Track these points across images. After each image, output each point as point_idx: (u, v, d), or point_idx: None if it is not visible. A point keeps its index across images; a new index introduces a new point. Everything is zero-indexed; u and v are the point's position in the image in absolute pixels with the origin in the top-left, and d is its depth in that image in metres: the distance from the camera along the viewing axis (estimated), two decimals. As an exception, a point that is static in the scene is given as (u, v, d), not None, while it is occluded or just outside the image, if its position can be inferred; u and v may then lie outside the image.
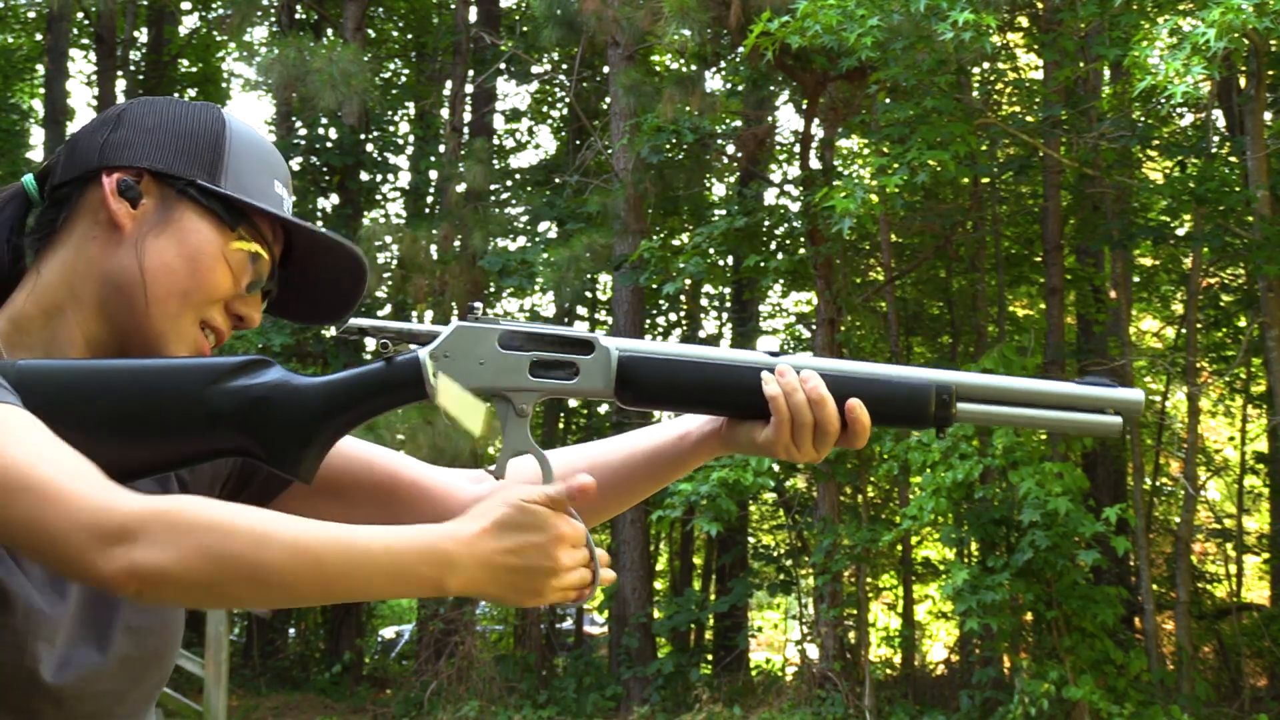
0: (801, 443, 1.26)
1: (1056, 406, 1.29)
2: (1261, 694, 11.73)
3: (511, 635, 15.09)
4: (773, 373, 1.26)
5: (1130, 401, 1.29)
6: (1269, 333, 9.14)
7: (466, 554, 1.10)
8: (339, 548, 1.06)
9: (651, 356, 1.26)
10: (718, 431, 1.32)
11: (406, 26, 19.05)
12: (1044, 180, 11.77)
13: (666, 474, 1.36)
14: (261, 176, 1.29)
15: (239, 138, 1.29)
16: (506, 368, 1.24)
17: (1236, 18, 6.61)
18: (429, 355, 1.22)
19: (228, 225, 1.25)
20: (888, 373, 1.28)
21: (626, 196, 12.39)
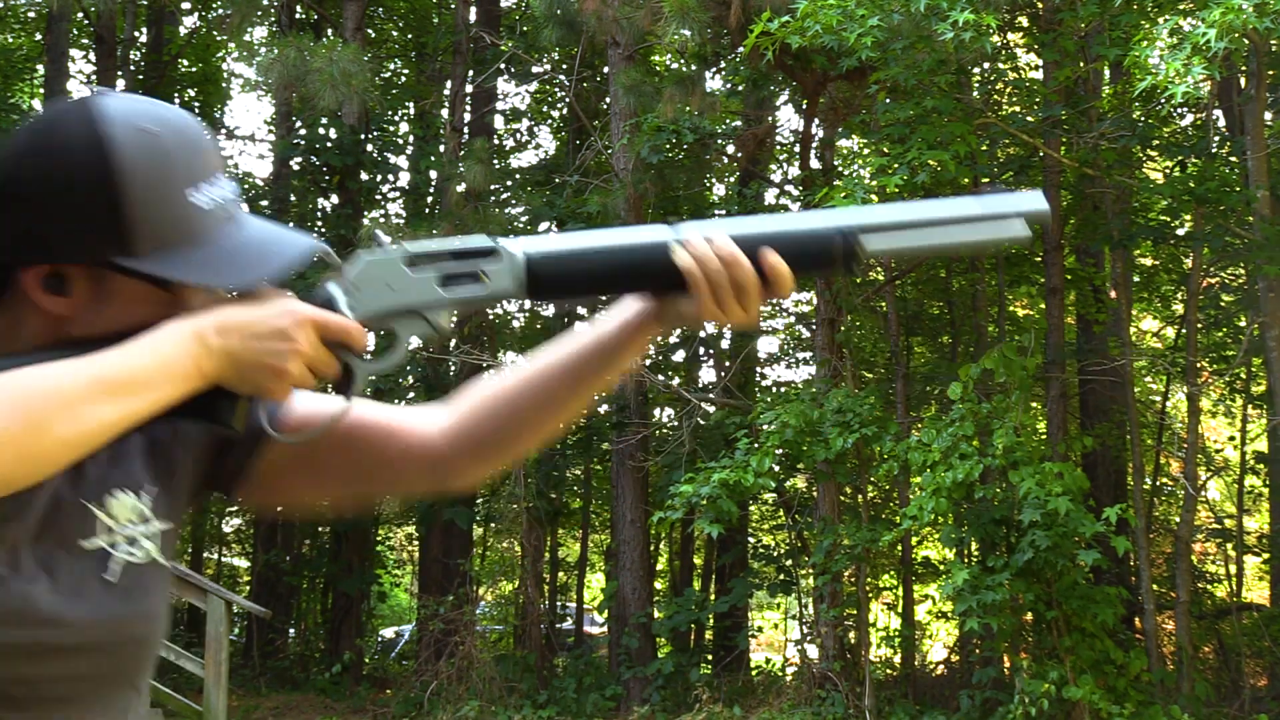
0: (727, 305, 1.27)
1: (959, 223, 1.29)
2: (1261, 694, 11.73)
3: (511, 635, 15.09)
4: (681, 244, 1.27)
5: (1034, 209, 1.29)
6: (1269, 333, 9.14)
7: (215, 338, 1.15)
8: (117, 361, 1.09)
9: (558, 251, 1.28)
10: (649, 311, 1.33)
11: (406, 26, 19.06)
12: (1044, 180, 11.76)
13: (611, 363, 1.36)
14: (174, 206, 1.19)
15: (132, 174, 1.17)
16: (416, 287, 1.27)
17: (1237, 18, 6.60)
18: (339, 287, 1.25)
19: (163, 288, 1.21)
20: (791, 222, 1.29)
21: (626, 196, 12.39)
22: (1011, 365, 8.94)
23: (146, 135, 1.19)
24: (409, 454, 1.39)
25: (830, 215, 1.29)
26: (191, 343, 1.14)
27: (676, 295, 1.29)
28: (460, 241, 1.28)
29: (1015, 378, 8.98)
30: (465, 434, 1.38)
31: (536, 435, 1.40)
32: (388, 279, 1.27)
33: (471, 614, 12.99)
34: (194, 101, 18.53)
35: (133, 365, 1.10)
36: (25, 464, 1.03)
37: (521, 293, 1.27)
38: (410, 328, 1.28)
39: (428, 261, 1.28)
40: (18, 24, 18.30)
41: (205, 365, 1.14)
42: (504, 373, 1.40)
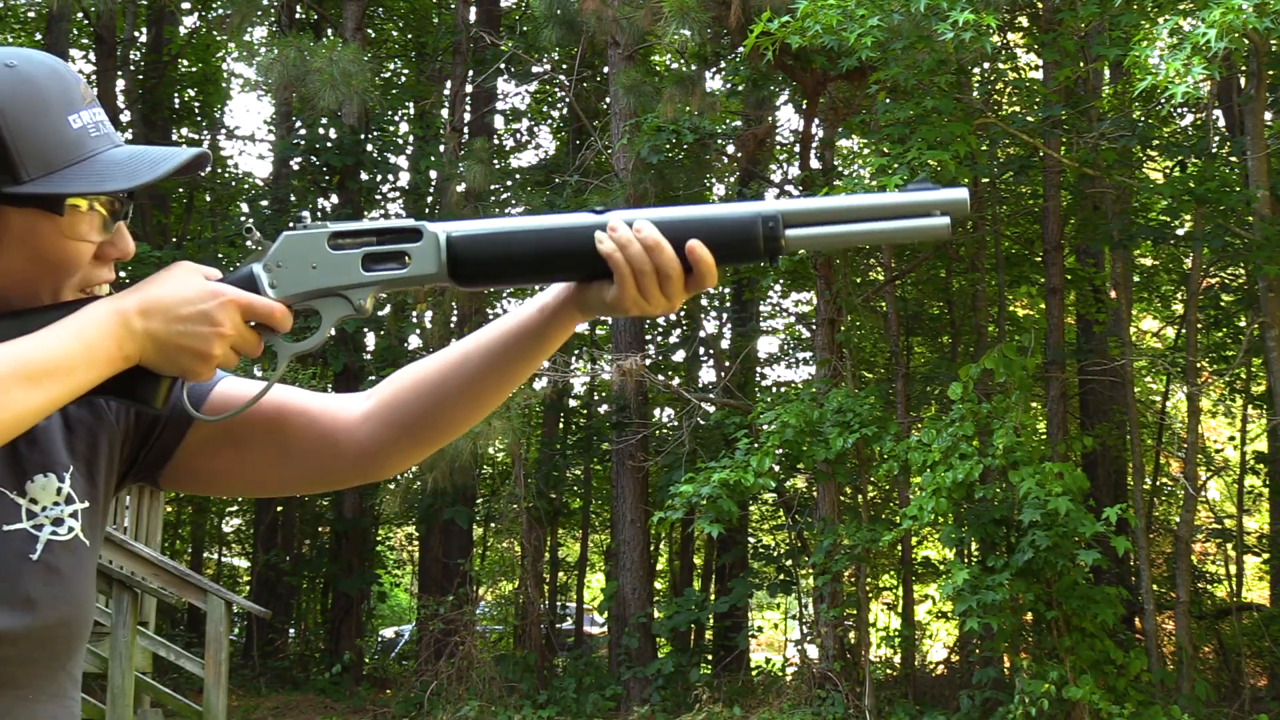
0: (649, 293, 1.26)
1: (883, 217, 1.29)
2: (1261, 694, 11.73)
3: (511, 635, 15.09)
4: (605, 230, 1.26)
5: (954, 200, 1.29)
6: (1269, 333, 9.14)
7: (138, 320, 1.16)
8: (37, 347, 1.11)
9: (480, 233, 1.27)
10: (571, 298, 1.31)
11: (406, 26, 19.06)
12: (1044, 180, 11.77)
13: (533, 351, 1.35)
14: (55, 130, 1.20)
15: (6, 105, 1.18)
16: (338, 267, 1.26)
17: (1237, 18, 6.60)
18: (262, 267, 1.25)
19: (55, 212, 1.21)
20: (715, 210, 1.29)
21: (626, 196, 12.39)
22: (1011, 365, 8.94)
23: (9, 69, 1.21)
24: (331, 439, 1.38)
25: (754, 204, 1.29)
26: (114, 325, 1.14)
27: (600, 282, 1.28)
28: (384, 222, 1.28)
29: (1015, 378, 8.98)
30: (386, 420, 1.37)
31: (459, 422, 1.39)
32: (310, 258, 1.26)
33: (471, 614, 12.99)
34: (194, 101, 18.54)
35: (53, 350, 1.10)
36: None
37: (444, 275, 1.27)
38: (333, 309, 1.27)
39: (351, 241, 1.27)
40: (18, 24, 18.30)
41: (128, 347, 1.15)
42: (425, 359, 1.39)
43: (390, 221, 1.28)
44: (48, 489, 1.26)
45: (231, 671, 10.80)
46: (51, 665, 1.23)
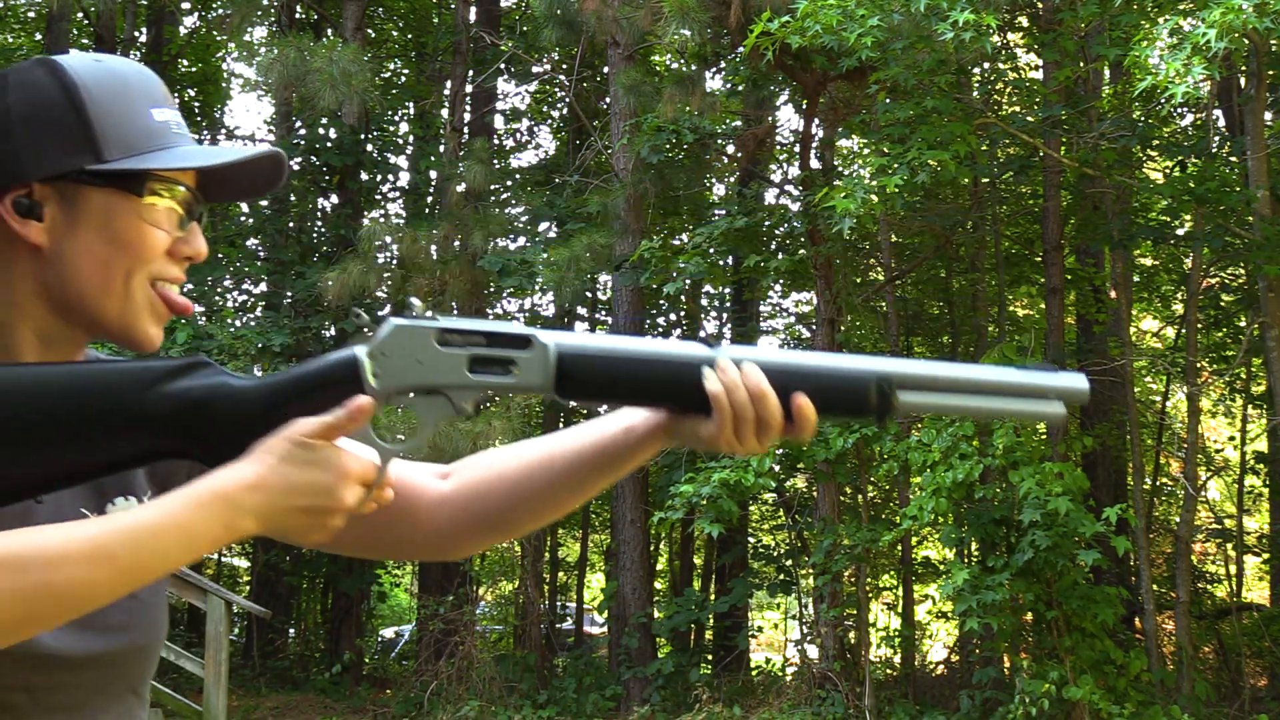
0: (744, 437, 1.25)
1: (999, 394, 1.28)
2: (1261, 694, 11.73)
3: (511, 635, 15.09)
4: (713, 367, 1.25)
5: (1073, 389, 1.28)
6: (1269, 333, 9.14)
7: (246, 500, 1.11)
8: (125, 534, 1.07)
9: (590, 352, 1.25)
10: (662, 425, 1.31)
11: (406, 26, 19.06)
12: (1044, 180, 11.77)
13: (614, 468, 1.35)
14: (138, 118, 1.24)
15: (92, 89, 1.22)
16: (445, 366, 1.23)
17: (1237, 18, 6.60)
18: (366, 354, 1.22)
19: (135, 193, 1.23)
20: (828, 363, 1.27)
21: (626, 196, 12.39)
22: (1011, 365, 8.92)
23: (98, 63, 1.25)
24: (411, 514, 1.38)
25: (870, 361, 1.28)
26: (220, 507, 1.11)
27: (697, 416, 1.27)
28: (495, 325, 1.25)
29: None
30: (463, 507, 1.37)
31: (534, 520, 1.39)
32: (417, 352, 1.23)
33: (471, 614, 12.99)
34: (194, 101, 18.53)
35: (144, 541, 1.08)
36: (13, 637, 1.05)
37: (549, 389, 1.24)
38: (434, 407, 1.24)
39: (459, 339, 1.24)
40: (18, 24, 18.30)
41: (239, 524, 1.12)
42: (508, 452, 1.38)
43: (502, 326, 1.25)
44: (128, 499, 1.28)
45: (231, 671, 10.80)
46: (122, 687, 1.25)
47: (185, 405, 1.17)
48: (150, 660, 1.28)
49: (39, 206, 1.21)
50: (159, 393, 1.17)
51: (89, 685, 1.21)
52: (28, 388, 1.15)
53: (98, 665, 1.20)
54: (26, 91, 1.22)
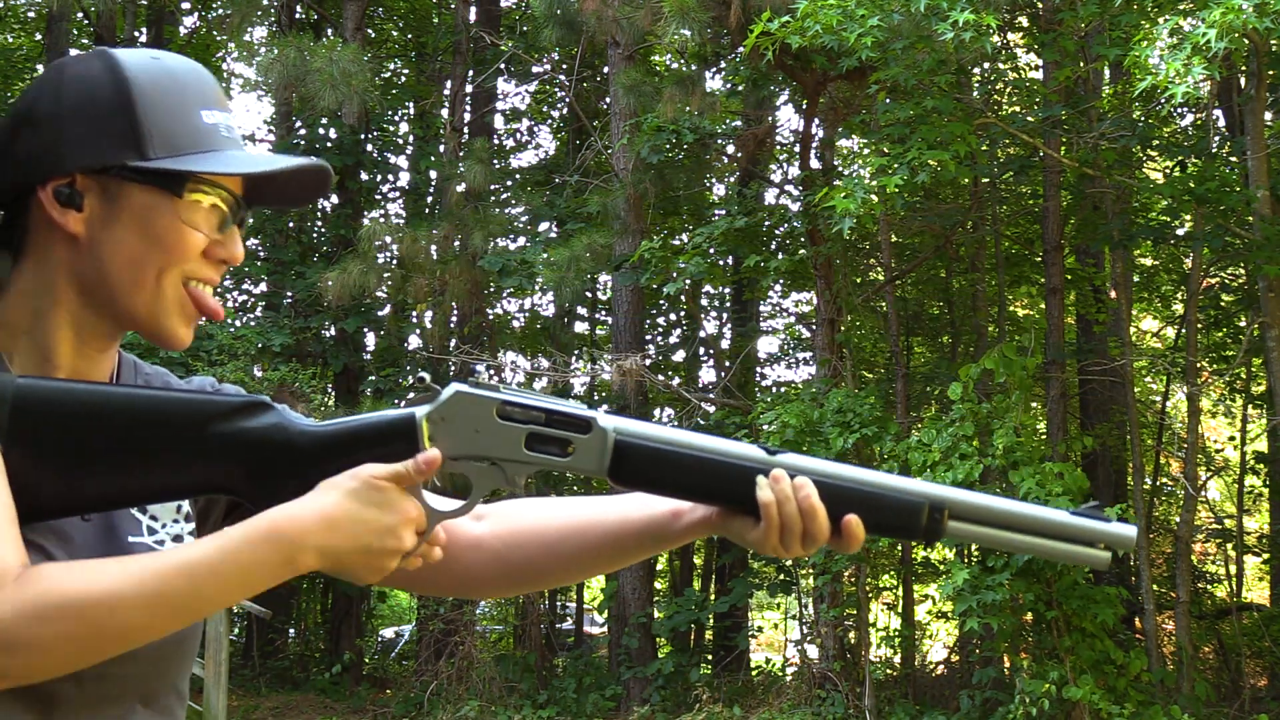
0: (790, 546, 1.27)
1: (1048, 535, 1.30)
2: (1261, 694, 11.73)
3: (511, 635, 15.09)
4: (768, 475, 1.26)
5: (1122, 537, 1.30)
6: (1269, 333, 9.14)
7: (310, 535, 1.13)
8: (181, 574, 1.08)
9: (648, 443, 1.26)
10: (710, 520, 1.32)
11: (406, 26, 19.05)
12: (1044, 180, 11.76)
13: (654, 547, 1.37)
14: (187, 118, 1.25)
15: (144, 86, 1.23)
16: (502, 439, 1.24)
17: (1237, 18, 6.60)
18: (425, 417, 1.23)
19: (174, 193, 1.24)
20: (883, 483, 1.29)
21: (626, 196, 12.39)
22: (1011, 365, 8.94)
23: (154, 60, 1.27)
24: (451, 554, 1.38)
25: (925, 486, 1.29)
26: (280, 543, 1.12)
27: (745, 517, 1.28)
28: (557, 404, 1.26)
29: (1015, 378, 8.98)
30: (497, 555, 1.38)
31: (564, 579, 1.42)
32: (476, 422, 1.24)
33: (471, 614, 12.99)
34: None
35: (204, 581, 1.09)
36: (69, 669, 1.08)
37: (602, 473, 1.26)
38: (487, 477, 1.25)
39: (520, 414, 1.25)
40: (18, 24, 18.30)
41: (299, 559, 1.13)
42: (548, 508, 1.39)
43: (563, 405, 1.26)
44: (168, 506, 1.29)
45: (231, 671, 10.80)
46: (163, 683, 1.26)
47: (243, 444, 1.19)
48: (189, 656, 1.29)
49: (80, 197, 1.22)
50: (219, 430, 1.18)
51: (134, 678, 1.22)
52: (92, 410, 1.17)
53: (141, 660, 1.21)
54: (80, 83, 1.24)
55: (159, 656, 1.23)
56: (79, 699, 1.17)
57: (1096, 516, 1.30)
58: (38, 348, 1.24)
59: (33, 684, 1.13)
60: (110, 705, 1.20)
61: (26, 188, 1.23)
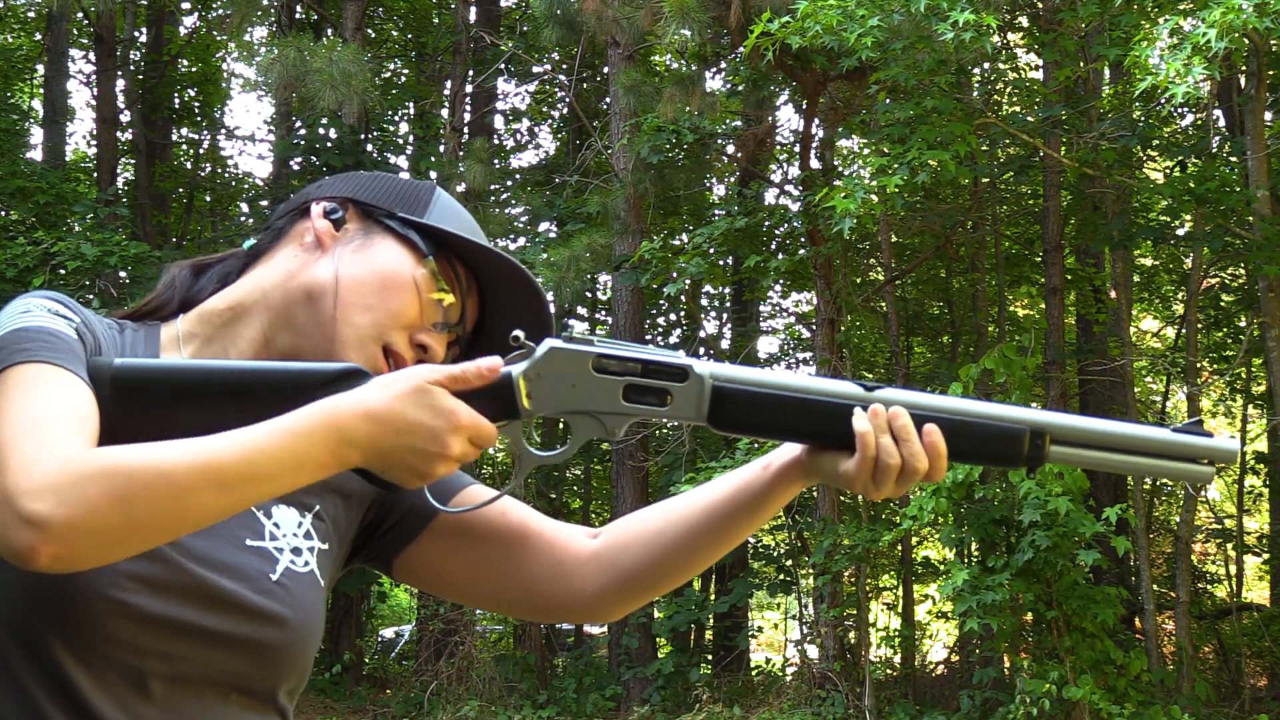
0: (883, 480, 1.25)
1: (1149, 453, 1.28)
2: (1262, 694, 11.73)
3: (511, 635, 15.10)
4: (865, 409, 1.25)
5: (1226, 451, 1.29)
6: (1269, 333, 9.14)
7: (356, 430, 1.13)
8: (238, 454, 1.09)
9: (745, 388, 1.25)
10: (800, 461, 1.31)
11: (406, 26, 19.05)
12: (1044, 180, 11.77)
13: (755, 509, 1.35)
14: (462, 229, 1.34)
15: (447, 198, 1.37)
16: (599, 392, 1.25)
17: (1237, 18, 6.60)
18: (521, 375, 1.23)
19: (422, 253, 1.30)
20: (982, 411, 1.27)
21: (626, 196, 12.39)
22: (1011, 365, 8.94)
23: (463, 206, 1.40)
24: (564, 570, 1.38)
25: (1024, 412, 1.28)
26: (328, 434, 1.12)
27: (837, 453, 1.27)
28: (653, 354, 1.26)
29: (1015, 378, 8.98)
30: (609, 563, 1.38)
31: (679, 574, 1.40)
32: (572, 376, 1.24)
33: (471, 614, 12.99)
34: (194, 101, 18.53)
35: (252, 457, 1.09)
36: (122, 548, 1.07)
37: (701, 419, 1.25)
38: (585, 428, 1.26)
39: (616, 366, 1.25)
40: (18, 24, 18.30)
41: (345, 454, 1.13)
42: (651, 510, 1.40)
43: (659, 354, 1.26)
44: (289, 519, 1.30)
45: (231, 671, 10.79)
46: (264, 687, 1.25)
47: None
48: (294, 664, 1.27)
49: (344, 221, 1.32)
50: (315, 399, 1.18)
51: (230, 669, 1.21)
52: (189, 386, 1.19)
53: (238, 648, 1.21)
54: (407, 179, 1.40)
55: (259, 652, 1.23)
56: (170, 675, 1.17)
57: (1199, 432, 1.28)
58: (222, 342, 1.29)
59: (124, 654, 1.14)
60: (203, 690, 1.20)
61: (303, 205, 1.34)
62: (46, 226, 13.07)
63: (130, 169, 17.36)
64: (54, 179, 14.10)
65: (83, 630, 1.14)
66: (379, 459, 1.15)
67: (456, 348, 1.35)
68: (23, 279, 12.19)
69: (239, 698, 1.23)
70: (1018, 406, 1.30)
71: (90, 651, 1.14)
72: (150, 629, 1.16)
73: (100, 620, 1.14)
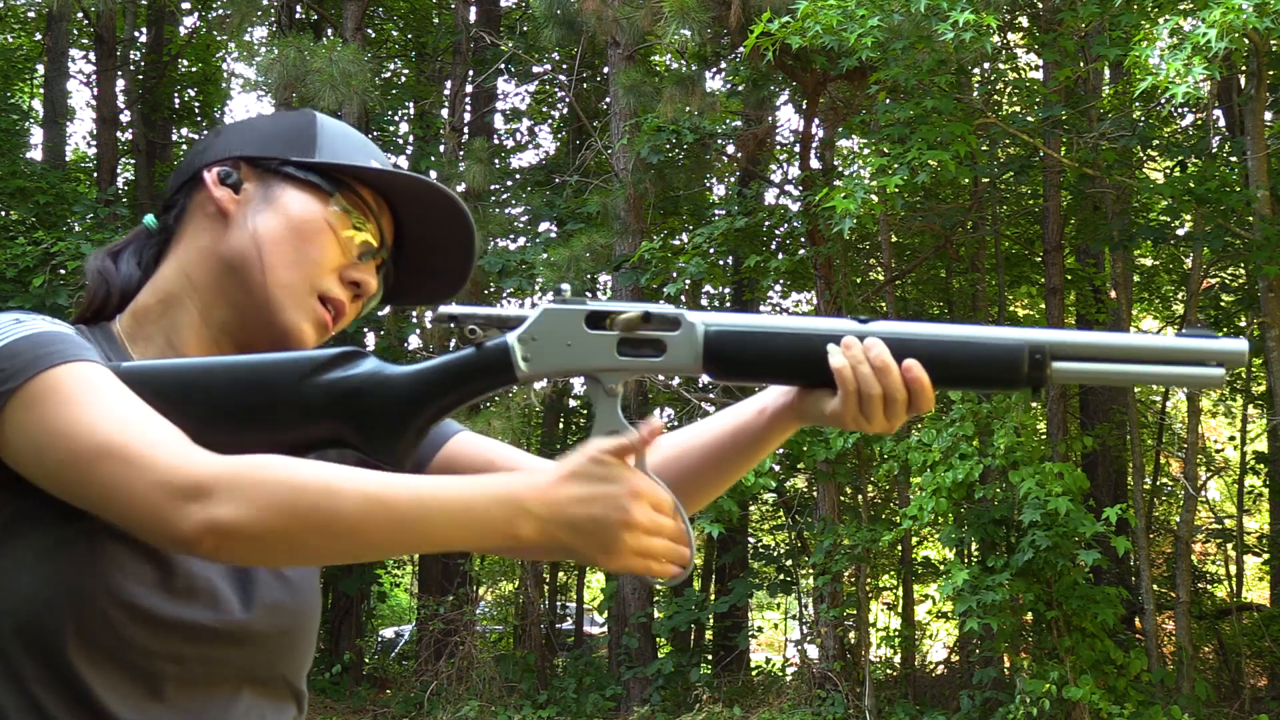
0: (871, 414, 1.24)
1: (1156, 361, 1.26)
2: (1261, 694, 11.73)
3: (511, 635, 15.09)
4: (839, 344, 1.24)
5: (1234, 352, 1.25)
6: (1269, 333, 9.14)
7: (539, 501, 1.12)
8: (411, 496, 1.09)
9: (737, 330, 1.26)
10: (791, 404, 1.31)
11: (406, 26, 19.05)
12: (1044, 180, 11.77)
13: (751, 450, 1.36)
14: (356, 153, 1.34)
15: (329, 125, 1.35)
16: (594, 348, 1.25)
17: (1237, 18, 6.61)
18: (517, 339, 1.24)
19: (326, 193, 1.30)
20: (975, 334, 1.26)
21: (626, 196, 12.39)
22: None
23: (346, 125, 1.39)
24: None
25: (1022, 332, 1.26)
26: (509, 506, 1.11)
27: (821, 391, 1.26)
28: (643, 306, 1.26)
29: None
30: None
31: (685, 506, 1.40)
32: (566, 336, 1.24)
33: (471, 614, 12.99)
34: (194, 102, 18.53)
35: (425, 501, 1.09)
36: (276, 557, 1.11)
37: (697, 367, 1.25)
38: (588, 391, 1.26)
39: (608, 322, 1.25)
40: (18, 24, 18.29)
41: (521, 527, 1.12)
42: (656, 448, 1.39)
43: (650, 306, 1.26)
44: None
45: (231, 671, 10.79)
46: (274, 676, 1.26)
47: (341, 394, 1.21)
48: (301, 649, 1.29)
49: (240, 182, 1.30)
50: (314, 383, 1.20)
51: (241, 663, 1.22)
52: (191, 382, 1.19)
53: (246, 644, 1.22)
54: (275, 113, 1.40)
55: (261, 644, 1.24)
56: (180, 677, 1.18)
57: (1205, 335, 1.26)
58: (164, 335, 1.28)
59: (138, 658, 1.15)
60: (216, 687, 1.21)
61: (195, 175, 1.32)
62: (46, 226, 13.07)
63: (130, 169, 17.36)
64: (54, 179, 14.10)
65: (96, 634, 1.14)
66: (554, 534, 1.13)
67: (385, 269, 1.36)
68: (23, 279, 12.19)
69: (251, 688, 1.23)
70: (1014, 328, 1.27)
71: (103, 655, 1.15)
72: (163, 632, 1.17)
73: (114, 624, 1.14)
